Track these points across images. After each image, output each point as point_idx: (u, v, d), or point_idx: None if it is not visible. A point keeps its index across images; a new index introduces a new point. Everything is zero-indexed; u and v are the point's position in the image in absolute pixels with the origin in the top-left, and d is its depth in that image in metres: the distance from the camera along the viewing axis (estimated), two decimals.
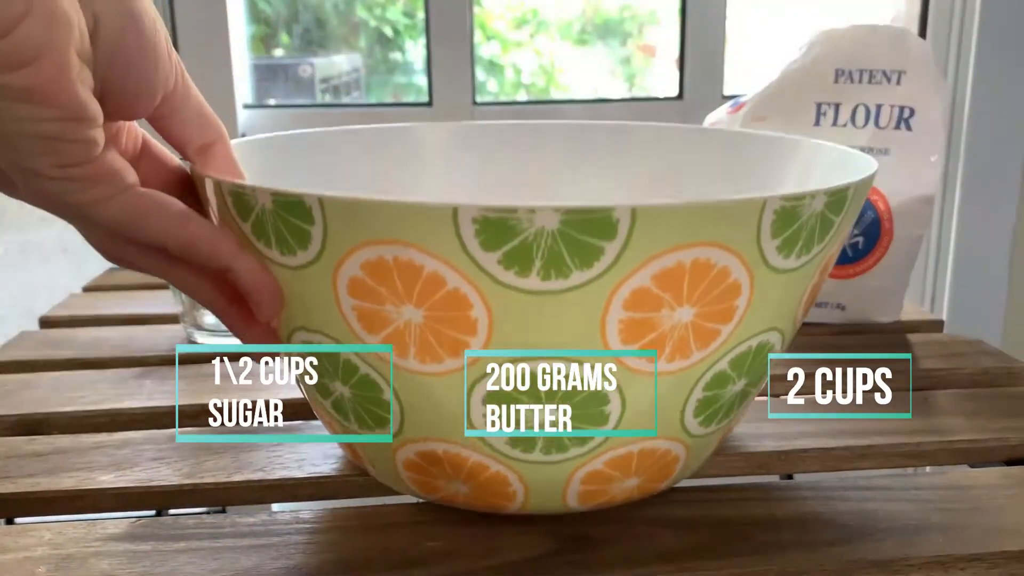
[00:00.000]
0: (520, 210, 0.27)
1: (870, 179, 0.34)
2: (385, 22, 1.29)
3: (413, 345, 0.30)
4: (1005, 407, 0.46)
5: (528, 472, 0.33)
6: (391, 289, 0.29)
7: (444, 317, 0.29)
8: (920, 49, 0.55)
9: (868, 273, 0.56)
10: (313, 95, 1.22)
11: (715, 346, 0.31)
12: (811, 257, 0.32)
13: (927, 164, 0.55)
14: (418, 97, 1.27)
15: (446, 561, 0.34)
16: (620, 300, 0.29)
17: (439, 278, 0.28)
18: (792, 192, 0.29)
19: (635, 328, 0.29)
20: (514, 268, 0.28)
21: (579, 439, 0.32)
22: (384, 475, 0.37)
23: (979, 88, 1.20)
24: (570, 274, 0.28)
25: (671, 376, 0.31)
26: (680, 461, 0.36)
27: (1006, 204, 1.25)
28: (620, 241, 0.27)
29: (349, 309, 0.30)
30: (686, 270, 0.29)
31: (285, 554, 0.34)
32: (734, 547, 0.34)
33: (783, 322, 0.33)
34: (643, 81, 1.38)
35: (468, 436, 0.32)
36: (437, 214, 0.27)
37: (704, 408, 0.33)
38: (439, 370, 0.31)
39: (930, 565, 0.33)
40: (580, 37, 1.36)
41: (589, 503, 0.36)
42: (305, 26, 1.26)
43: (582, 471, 0.34)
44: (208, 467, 0.40)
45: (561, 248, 0.27)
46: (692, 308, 0.30)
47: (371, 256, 0.29)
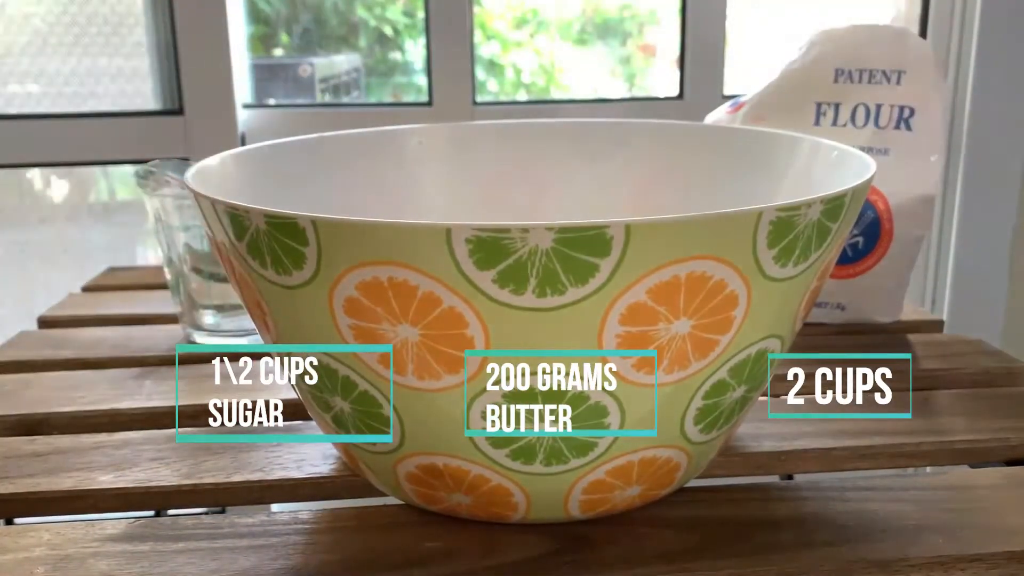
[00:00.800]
0: (513, 229, 0.27)
1: (867, 183, 0.33)
2: (385, 22, 1.29)
3: (411, 363, 0.30)
4: (1005, 407, 0.46)
5: (529, 483, 0.33)
6: (387, 309, 0.29)
7: (440, 336, 0.29)
8: (920, 49, 0.55)
9: (868, 273, 0.56)
10: (313, 95, 1.22)
11: (713, 356, 0.31)
12: (809, 264, 0.31)
13: (927, 164, 0.55)
14: (418, 97, 1.27)
15: (446, 561, 0.34)
16: (616, 315, 0.29)
17: (434, 297, 0.28)
18: (787, 203, 0.29)
19: (633, 342, 0.29)
20: (509, 286, 0.28)
21: (580, 450, 0.32)
22: (386, 487, 0.37)
23: (980, 88, 1.20)
24: (566, 291, 0.28)
25: (670, 387, 0.31)
26: (682, 468, 0.36)
27: (1007, 204, 1.25)
28: (615, 258, 0.27)
29: (346, 327, 0.30)
30: (682, 283, 0.29)
31: (284, 554, 0.34)
32: (734, 547, 0.34)
33: (782, 328, 0.33)
34: (643, 81, 1.38)
35: (468, 449, 0.32)
36: (431, 235, 0.27)
37: (704, 416, 0.33)
38: (438, 386, 0.31)
39: (930, 565, 0.33)
40: (580, 37, 1.36)
41: (591, 511, 0.36)
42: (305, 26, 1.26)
43: (584, 481, 0.34)
44: (207, 467, 0.40)
45: (556, 266, 0.27)
46: (689, 320, 0.30)
47: (366, 276, 0.29)
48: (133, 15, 1.09)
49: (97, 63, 1.09)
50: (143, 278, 0.75)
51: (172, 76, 1.08)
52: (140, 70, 1.10)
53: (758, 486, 0.39)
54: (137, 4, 1.09)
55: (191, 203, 0.54)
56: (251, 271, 0.32)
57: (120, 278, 0.75)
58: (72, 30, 1.08)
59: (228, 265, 0.34)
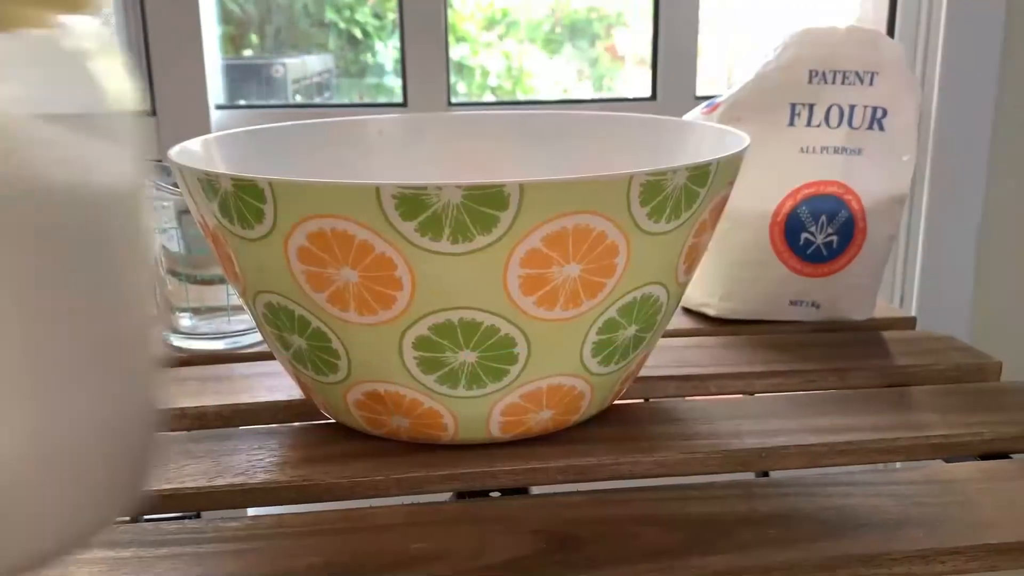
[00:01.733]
0: (430, 187, 0.33)
1: (733, 156, 0.39)
2: (354, 24, 1.29)
3: (353, 300, 0.36)
4: (977, 402, 0.47)
5: (456, 406, 0.39)
6: (331, 255, 0.35)
7: (375, 276, 0.35)
8: (893, 50, 0.56)
9: (842, 271, 0.57)
10: (286, 96, 1.22)
11: (602, 297, 0.37)
12: (682, 222, 0.37)
13: (899, 163, 0.56)
14: (390, 98, 1.27)
15: (433, 563, 0.34)
16: (517, 259, 0.35)
17: (368, 245, 0.34)
18: (655, 169, 0.35)
19: (532, 282, 0.36)
20: (428, 234, 0.34)
21: (495, 375, 0.38)
22: (338, 414, 0.43)
23: (946, 88, 1.22)
24: (474, 238, 0.34)
25: (567, 322, 0.37)
26: (586, 397, 0.41)
27: (972, 202, 1.27)
28: (512, 211, 0.33)
29: (299, 272, 0.36)
30: (569, 233, 0.35)
31: (270, 558, 0.34)
32: (718, 544, 0.35)
33: (664, 277, 0.39)
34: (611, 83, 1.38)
35: (403, 375, 0.38)
36: (364, 192, 0.33)
37: (601, 349, 0.39)
38: (374, 321, 0.37)
39: (912, 559, 0.34)
40: (549, 37, 1.36)
41: (510, 433, 0.41)
42: (276, 27, 1.25)
43: (501, 403, 0.40)
44: (189, 472, 0.40)
45: (465, 217, 0.33)
46: (578, 264, 0.36)
47: (313, 228, 0.34)
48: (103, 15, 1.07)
49: None
50: None
51: (144, 77, 1.07)
52: None
53: (740, 483, 0.39)
54: (106, 4, 1.07)
55: (167, 204, 0.54)
56: (222, 227, 0.37)
57: None
58: None
59: (204, 226, 0.39)
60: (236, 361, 0.54)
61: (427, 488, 0.40)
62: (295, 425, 0.45)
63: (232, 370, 0.52)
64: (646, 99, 1.24)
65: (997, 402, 0.47)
